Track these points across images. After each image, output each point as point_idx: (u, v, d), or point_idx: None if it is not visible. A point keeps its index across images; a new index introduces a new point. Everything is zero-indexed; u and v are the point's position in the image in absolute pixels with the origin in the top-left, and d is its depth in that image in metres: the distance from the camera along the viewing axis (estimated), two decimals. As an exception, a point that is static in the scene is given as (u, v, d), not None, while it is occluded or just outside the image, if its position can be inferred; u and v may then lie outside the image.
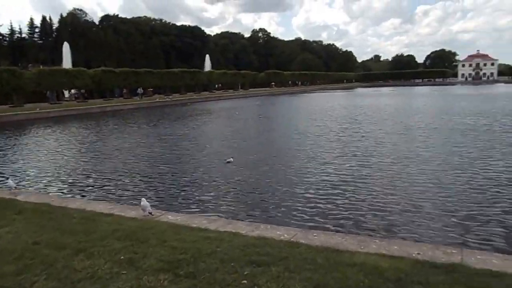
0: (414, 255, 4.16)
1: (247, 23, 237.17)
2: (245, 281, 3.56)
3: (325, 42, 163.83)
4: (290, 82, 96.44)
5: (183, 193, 8.98)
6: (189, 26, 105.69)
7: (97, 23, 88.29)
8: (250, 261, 3.96)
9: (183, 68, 65.12)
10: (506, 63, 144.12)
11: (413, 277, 3.52)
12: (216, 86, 72.00)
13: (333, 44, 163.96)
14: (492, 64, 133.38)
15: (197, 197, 8.61)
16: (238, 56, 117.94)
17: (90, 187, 9.84)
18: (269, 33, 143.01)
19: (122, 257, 4.12)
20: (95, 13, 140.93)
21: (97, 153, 14.89)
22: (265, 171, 10.87)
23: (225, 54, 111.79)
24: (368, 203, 7.74)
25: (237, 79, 77.42)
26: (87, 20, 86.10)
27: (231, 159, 11.87)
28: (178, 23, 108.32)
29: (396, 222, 6.77)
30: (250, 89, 77.63)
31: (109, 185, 9.93)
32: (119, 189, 9.49)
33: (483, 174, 9.62)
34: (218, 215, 7.14)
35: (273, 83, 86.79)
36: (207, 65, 79.18)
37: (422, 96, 55.24)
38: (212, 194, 8.83)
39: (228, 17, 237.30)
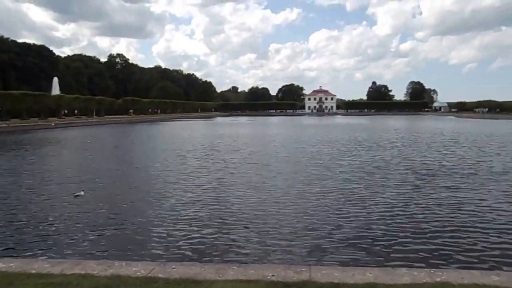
0: (269, 277, 4.36)
1: (103, 47, 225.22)
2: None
3: (185, 72, 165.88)
4: (150, 109, 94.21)
5: (18, 235, 7.73)
6: (33, 44, 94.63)
7: None
8: (101, 304, 3.59)
9: (25, 90, 57.69)
10: (342, 98, 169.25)
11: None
12: (65, 111, 65.59)
13: (193, 74, 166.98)
14: (332, 99, 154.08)
15: (38, 238, 7.50)
16: (93, 81, 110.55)
17: None
18: (128, 59, 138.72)
19: None
20: None
21: None
22: (120, 204, 10.20)
23: (78, 78, 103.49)
24: (225, 230, 7.89)
25: (91, 105, 72.19)
26: None
27: (82, 192, 10.82)
28: (20, 40, 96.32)
29: (252, 246, 7.04)
30: (106, 116, 73.08)
31: None
32: None
33: (325, 198, 10.83)
34: (64, 257, 6.36)
35: (131, 110, 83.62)
36: (56, 89, 71.98)
37: (276, 125, 60.08)
38: (57, 232, 7.84)
39: (82, 39, 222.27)
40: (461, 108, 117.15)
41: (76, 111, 68.02)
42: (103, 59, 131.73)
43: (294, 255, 6.58)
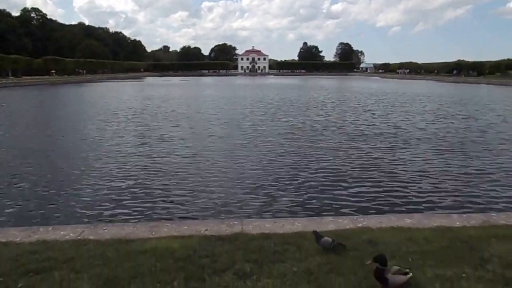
0: (202, 232, 4.46)
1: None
2: (19, 294, 3.09)
3: (112, 30, 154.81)
4: (76, 70, 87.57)
5: None
6: None
7: None
8: (26, 271, 3.47)
9: None
10: (275, 59, 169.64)
11: (201, 252, 3.78)
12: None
13: (120, 32, 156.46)
14: (264, 59, 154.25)
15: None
16: (5, 38, 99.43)
17: None
18: (45, 14, 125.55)
19: None
20: None
21: None
22: (42, 166, 9.75)
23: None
24: (159, 190, 7.91)
25: (5, 65, 65.43)
26: None
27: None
28: None
29: (187, 204, 7.13)
30: (24, 77, 66.73)
31: None
32: None
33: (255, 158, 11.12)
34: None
35: (53, 71, 77.16)
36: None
37: (210, 86, 59.11)
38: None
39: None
40: (385, 69, 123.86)
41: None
42: (15, 13, 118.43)
43: (227, 211, 6.78)
